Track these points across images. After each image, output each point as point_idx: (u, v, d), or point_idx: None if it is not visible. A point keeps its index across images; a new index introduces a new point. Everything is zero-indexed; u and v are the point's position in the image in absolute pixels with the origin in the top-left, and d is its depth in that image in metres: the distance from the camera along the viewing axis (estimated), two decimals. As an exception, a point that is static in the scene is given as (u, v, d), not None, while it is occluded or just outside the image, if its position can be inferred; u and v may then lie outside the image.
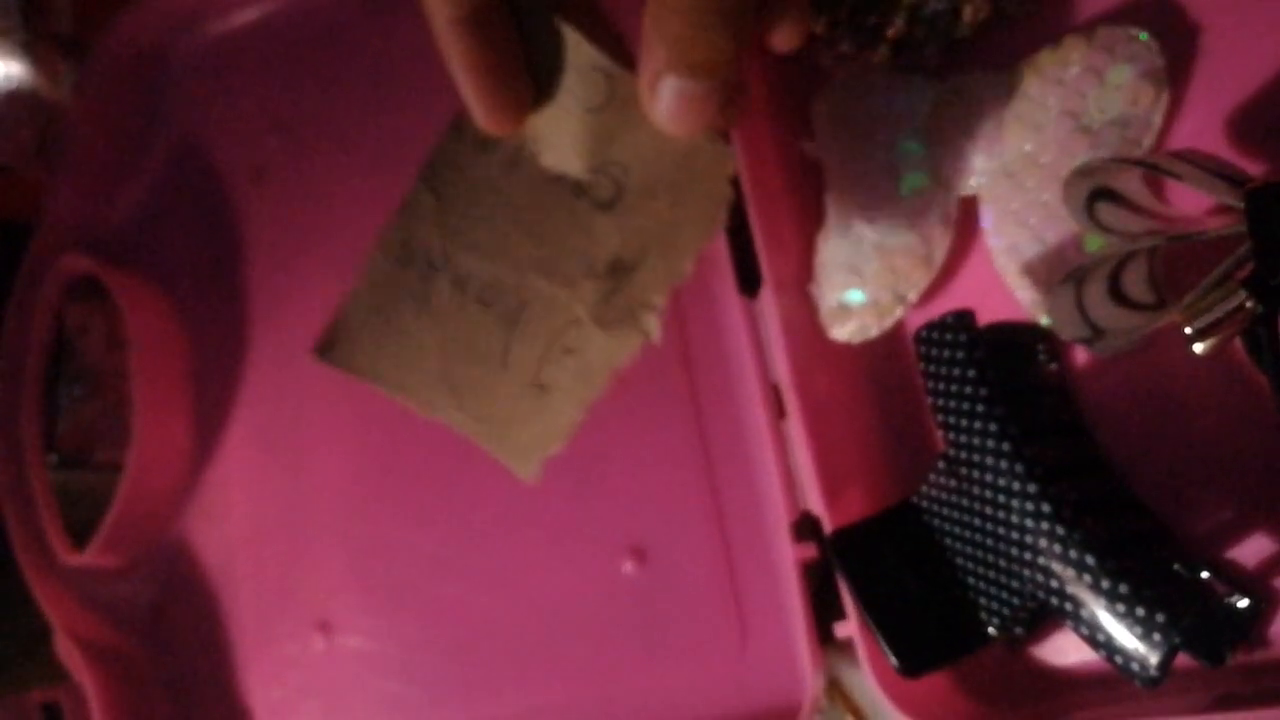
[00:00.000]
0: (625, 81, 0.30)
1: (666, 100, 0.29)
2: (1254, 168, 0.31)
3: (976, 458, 0.30)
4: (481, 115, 0.31)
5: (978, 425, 0.30)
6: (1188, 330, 0.26)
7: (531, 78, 0.31)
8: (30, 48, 0.51)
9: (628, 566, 0.40)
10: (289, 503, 0.47)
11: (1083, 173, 0.29)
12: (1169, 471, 0.32)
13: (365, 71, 0.49)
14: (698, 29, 0.28)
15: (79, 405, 0.48)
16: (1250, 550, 0.31)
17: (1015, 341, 0.33)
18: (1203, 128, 0.32)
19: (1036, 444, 0.30)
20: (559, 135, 0.32)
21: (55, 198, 0.50)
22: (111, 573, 0.48)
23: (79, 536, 0.46)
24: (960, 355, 0.31)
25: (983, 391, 0.30)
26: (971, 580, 0.32)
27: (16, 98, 0.51)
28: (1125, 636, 0.27)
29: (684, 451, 0.40)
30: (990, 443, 0.30)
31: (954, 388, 0.31)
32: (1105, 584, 0.27)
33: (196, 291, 0.51)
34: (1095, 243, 0.32)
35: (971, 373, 0.30)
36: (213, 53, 0.52)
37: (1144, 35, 0.33)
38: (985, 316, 0.32)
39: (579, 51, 0.30)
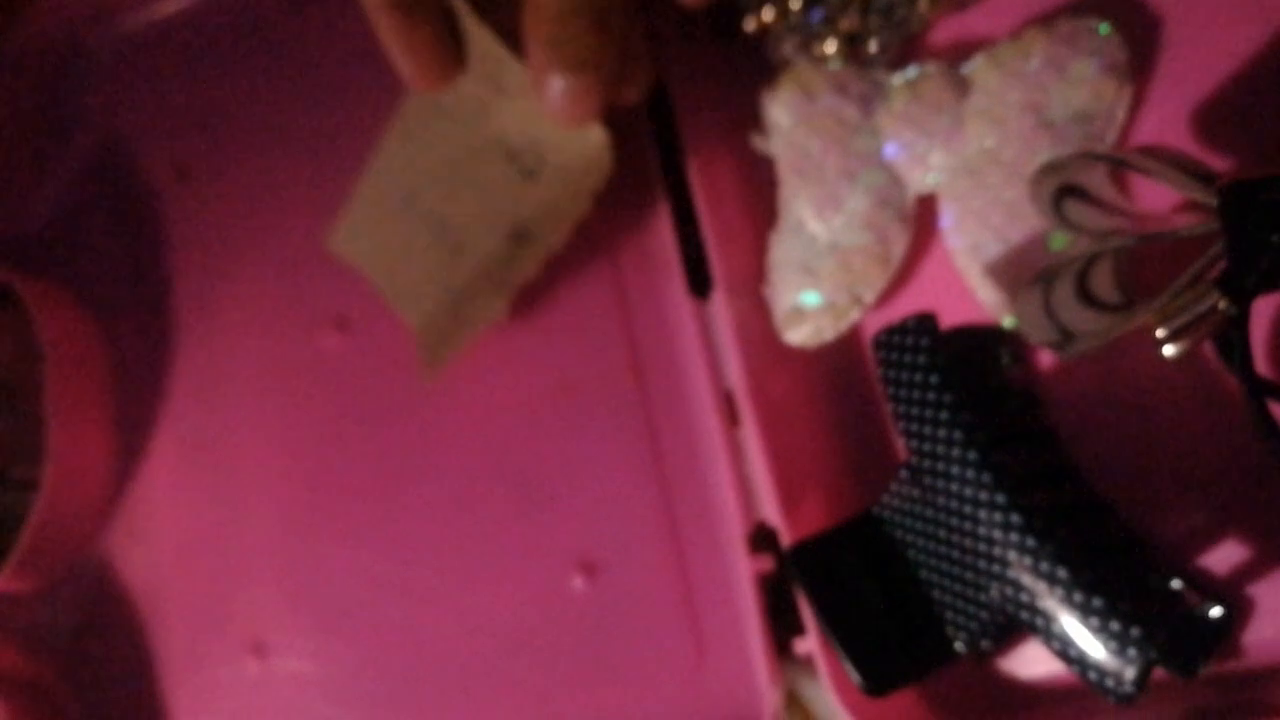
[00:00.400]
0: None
1: (552, 95, 0.32)
2: (1219, 163, 0.30)
3: (941, 466, 0.29)
4: (408, 78, 0.35)
5: (942, 433, 0.29)
6: (1159, 333, 0.25)
7: (460, 53, 0.35)
8: (-67, 42, 0.48)
9: (577, 582, 0.39)
10: (219, 520, 0.44)
11: (1050, 169, 0.28)
12: (1137, 478, 0.31)
13: (292, 64, 0.47)
14: (568, 30, 0.31)
15: (-10, 421, 0.46)
16: (1222, 558, 0.30)
17: (977, 345, 0.32)
18: (1167, 123, 0.31)
19: (1003, 451, 0.29)
20: (496, 106, 0.36)
21: (-38, 202, 0.48)
22: (27, 598, 0.45)
23: (-10, 561, 0.43)
24: (922, 360, 0.30)
25: (946, 398, 0.29)
26: (937, 594, 0.30)
27: (-82, 94, 0.48)
28: (1099, 652, 0.26)
29: (633, 461, 0.39)
30: (956, 451, 0.28)
31: (916, 394, 0.30)
32: (1078, 597, 0.26)
33: (117, 299, 0.48)
34: (1060, 241, 0.31)
35: (934, 378, 0.29)
36: (130, 46, 0.50)
37: (1105, 28, 0.32)
38: (945, 318, 0.31)
39: (490, 45, 0.34)
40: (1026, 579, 0.27)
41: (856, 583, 0.31)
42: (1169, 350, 0.26)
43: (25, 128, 0.49)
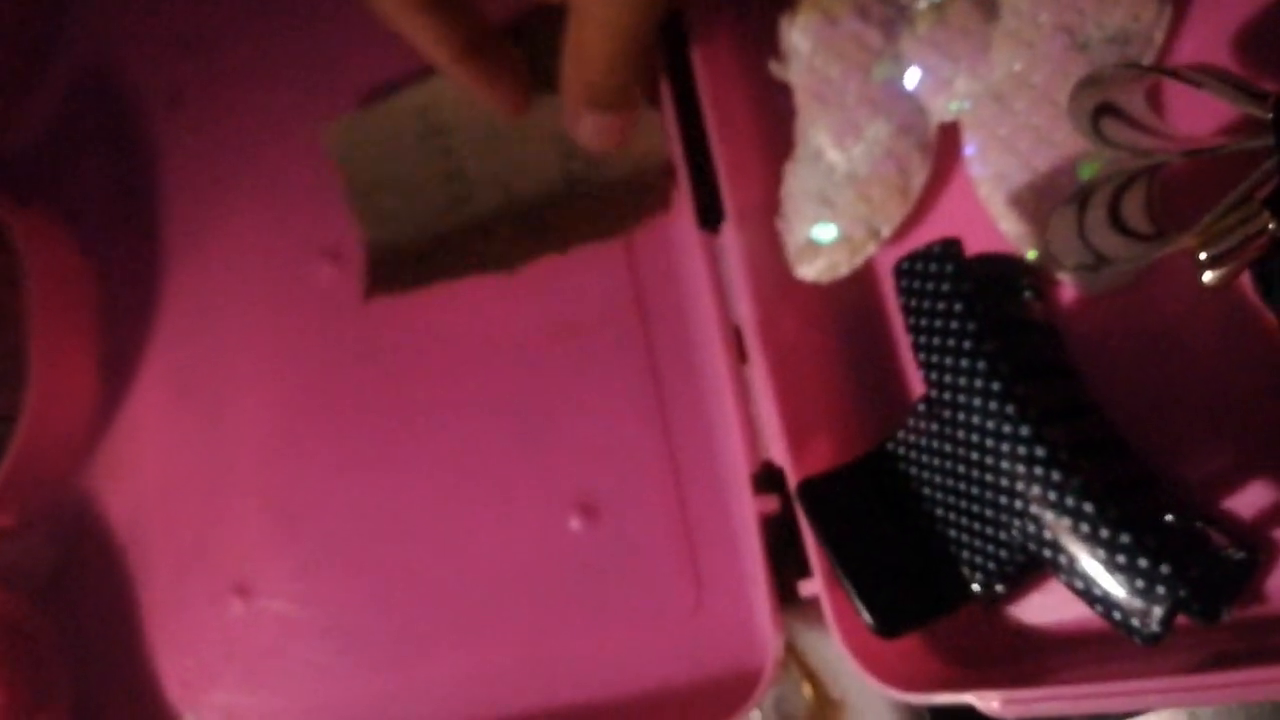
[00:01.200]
0: None
1: (588, 129, 0.35)
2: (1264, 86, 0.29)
3: (962, 398, 0.28)
4: (490, 107, 0.37)
5: (964, 363, 0.28)
6: (1202, 256, 0.24)
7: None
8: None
9: (575, 522, 0.37)
10: (205, 455, 0.43)
11: (1089, 82, 0.27)
12: (1161, 419, 0.30)
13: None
14: (609, 75, 0.33)
15: (-31, 348, 0.44)
16: (1247, 500, 0.29)
17: (999, 276, 0.31)
18: (1206, 46, 0.30)
19: (1026, 384, 0.28)
20: None
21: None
22: (5, 533, 0.44)
23: (-34, 492, 0.42)
24: (946, 288, 0.28)
25: (970, 326, 0.28)
26: (953, 532, 0.29)
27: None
28: (1126, 590, 0.25)
29: (637, 399, 0.37)
30: (978, 382, 0.27)
31: (938, 323, 0.28)
32: (1105, 533, 0.25)
33: (105, 227, 0.47)
34: (1089, 170, 0.30)
35: (958, 306, 0.28)
36: (123, -33, 0.48)
37: (1144, -54, 0.30)
38: (966, 251, 0.30)
39: None
40: (1049, 515, 0.26)
41: (868, 520, 0.30)
42: (1209, 276, 0.24)
43: (11, 49, 0.48)
